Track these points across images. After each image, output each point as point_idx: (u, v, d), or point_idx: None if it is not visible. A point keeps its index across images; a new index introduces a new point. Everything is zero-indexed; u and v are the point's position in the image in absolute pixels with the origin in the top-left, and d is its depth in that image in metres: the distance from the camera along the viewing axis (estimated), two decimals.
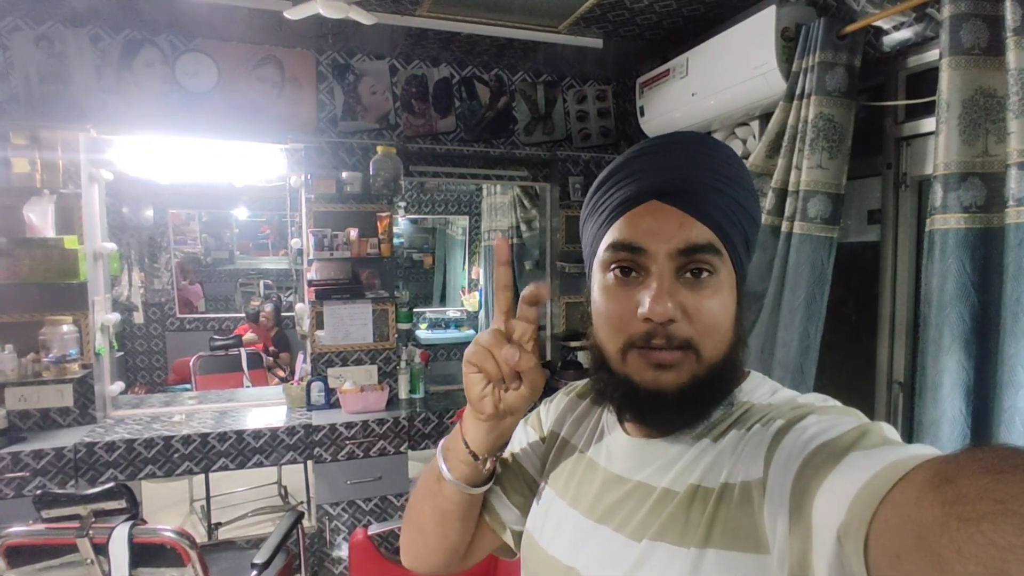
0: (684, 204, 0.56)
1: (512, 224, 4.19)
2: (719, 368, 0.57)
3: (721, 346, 0.57)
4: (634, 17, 2.32)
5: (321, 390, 2.68)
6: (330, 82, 2.68)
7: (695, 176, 0.57)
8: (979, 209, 1.37)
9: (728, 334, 0.57)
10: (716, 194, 0.57)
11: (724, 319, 0.57)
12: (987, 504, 0.30)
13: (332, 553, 2.47)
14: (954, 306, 1.37)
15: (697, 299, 0.56)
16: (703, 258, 0.56)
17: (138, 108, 2.43)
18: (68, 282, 2.34)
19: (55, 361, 2.32)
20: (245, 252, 5.31)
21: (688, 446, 0.59)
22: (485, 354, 0.58)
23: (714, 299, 0.56)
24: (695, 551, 0.52)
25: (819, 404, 0.55)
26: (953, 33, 1.37)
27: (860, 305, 1.96)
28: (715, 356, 0.56)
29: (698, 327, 0.55)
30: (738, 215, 0.58)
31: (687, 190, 0.57)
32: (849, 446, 0.45)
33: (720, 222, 0.57)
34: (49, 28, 2.31)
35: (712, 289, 0.56)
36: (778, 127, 1.88)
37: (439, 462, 0.68)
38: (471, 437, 0.64)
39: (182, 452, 2.32)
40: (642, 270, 0.57)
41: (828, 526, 0.41)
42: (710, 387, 0.57)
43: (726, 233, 0.57)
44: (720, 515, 0.52)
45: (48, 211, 2.34)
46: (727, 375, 0.59)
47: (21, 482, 2.13)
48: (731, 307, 0.58)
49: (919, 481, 0.35)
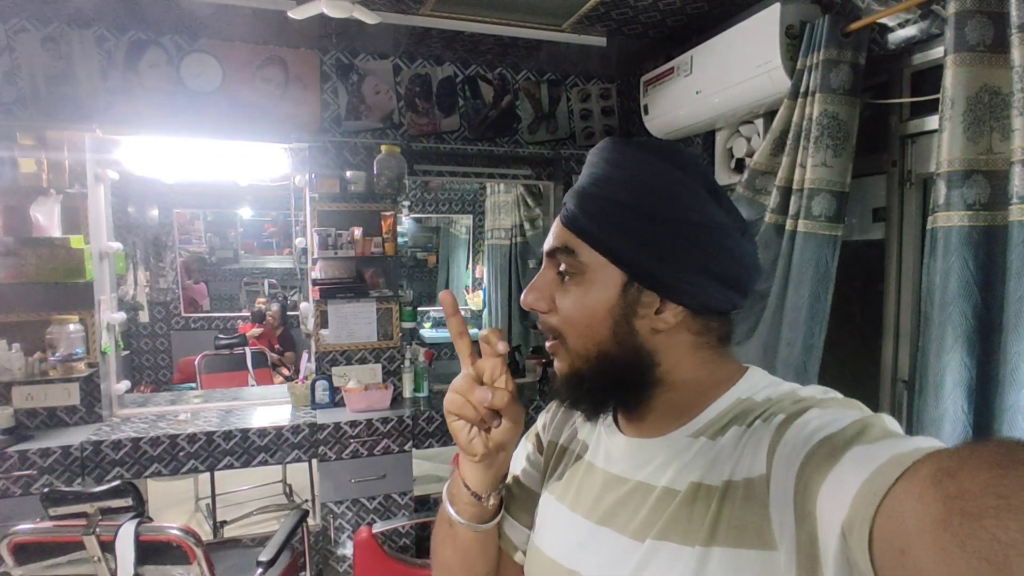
0: (563, 217, 0.63)
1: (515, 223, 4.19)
2: (595, 360, 0.61)
3: (589, 338, 0.61)
4: (638, 15, 2.32)
5: (325, 389, 2.69)
6: (334, 82, 2.69)
7: (578, 186, 0.63)
8: (983, 207, 1.37)
9: (597, 329, 0.60)
10: (588, 201, 0.61)
11: (582, 314, 0.61)
12: (989, 499, 0.30)
13: (337, 551, 2.48)
14: (957, 304, 1.37)
15: (561, 295, 0.62)
16: (561, 259, 0.62)
17: (143, 108, 2.44)
18: (74, 281, 2.35)
19: (61, 360, 2.33)
20: (250, 251, 5.33)
21: (686, 444, 0.59)
22: (461, 401, 0.61)
23: (570, 296, 0.61)
24: (700, 550, 0.52)
25: (820, 397, 0.55)
26: (958, 30, 1.36)
27: (864, 304, 1.95)
28: (581, 348, 0.61)
29: (559, 318, 0.62)
30: (616, 217, 0.59)
31: (569, 204, 0.63)
32: (851, 440, 0.45)
33: (585, 224, 0.60)
34: (55, 29, 2.33)
35: (573, 287, 0.61)
36: (782, 125, 1.87)
37: (447, 508, 0.69)
38: (470, 480, 0.67)
39: (187, 450, 2.33)
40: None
41: (832, 521, 0.41)
42: (594, 377, 0.61)
43: (592, 234, 0.60)
44: (724, 513, 0.52)
45: (54, 211, 2.35)
46: (617, 367, 0.61)
47: (28, 480, 2.14)
48: (597, 305, 0.60)
49: (921, 476, 0.35)
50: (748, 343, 1.93)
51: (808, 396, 0.56)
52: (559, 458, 0.73)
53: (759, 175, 1.98)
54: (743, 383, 0.61)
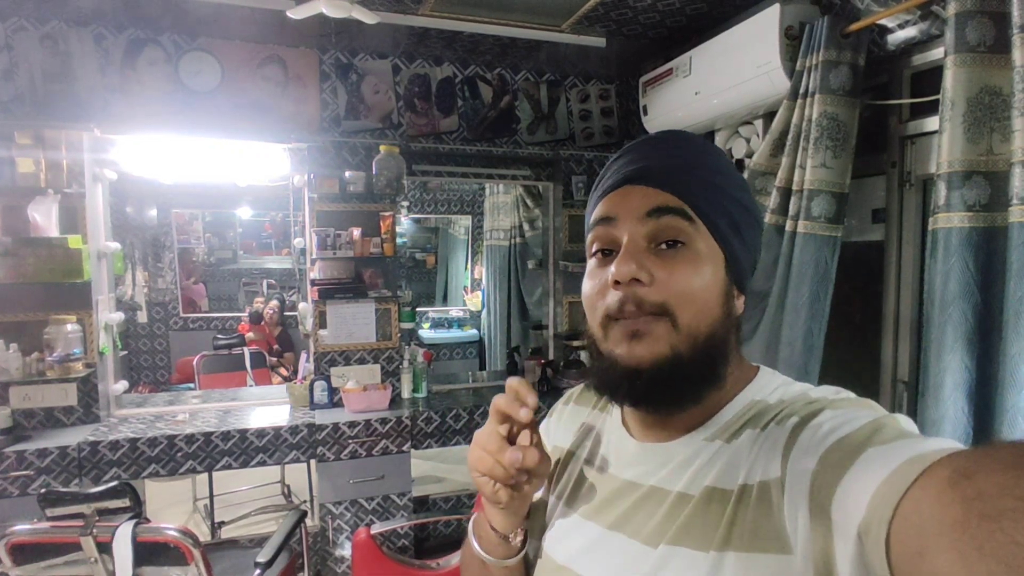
0: (653, 183, 0.58)
1: (515, 223, 4.19)
2: (703, 343, 0.55)
3: (703, 318, 0.55)
4: (637, 16, 2.32)
5: (324, 389, 2.68)
6: (333, 81, 2.69)
7: (664, 163, 0.59)
8: (983, 208, 1.37)
9: (713, 309, 0.56)
10: (686, 173, 0.58)
11: (701, 289, 0.55)
12: (1007, 501, 0.30)
13: (335, 552, 2.47)
14: (957, 305, 1.37)
15: (670, 265, 0.55)
16: (671, 222, 0.56)
17: (142, 107, 2.44)
18: (72, 281, 2.34)
19: (59, 360, 2.32)
20: (248, 251, 5.32)
21: (701, 447, 0.58)
22: (491, 463, 0.59)
23: (687, 267, 0.55)
24: (715, 554, 0.51)
25: (832, 397, 0.55)
26: (958, 31, 1.37)
27: (864, 304, 1.95)
28: (695, 327, 0.55)
29: (671, 292, 0.55)
30: (716, 195, 0.58)
31: (656, 173, 0.58)
32: (865, 441, 0.44)
33: (692, 192, 0.57)
34: (53, 27, 2.32)
35: (686, 259, 0.56)
36: (782, 126, 1.87)
37: (476, 549, 0.69)
38: (496, 523, 0.66)
39: (185, 451, 2.32)
40: (617, 246, 0.58)
41: (849, 524, 0.40)
42: (692, 364, 0.55)
43: (699, 206, 0.57)
44: (739, 517, 0.51)
45: (52, 210, 2.34)
46: (714, 355, 0.56)
47: (26, 480, 2.14)
48: (713, 282, 0.56)
49: (938, 478, 0.35)
50: (750, 343, 1.93)
51: (821, 397, 0.55)
52: (566, 463, 0.72)
53: (759, 176, 1.98)
54: (755, 384, 0.61)
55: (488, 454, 0.59)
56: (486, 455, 0.59)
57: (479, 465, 0.60)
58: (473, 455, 0.61)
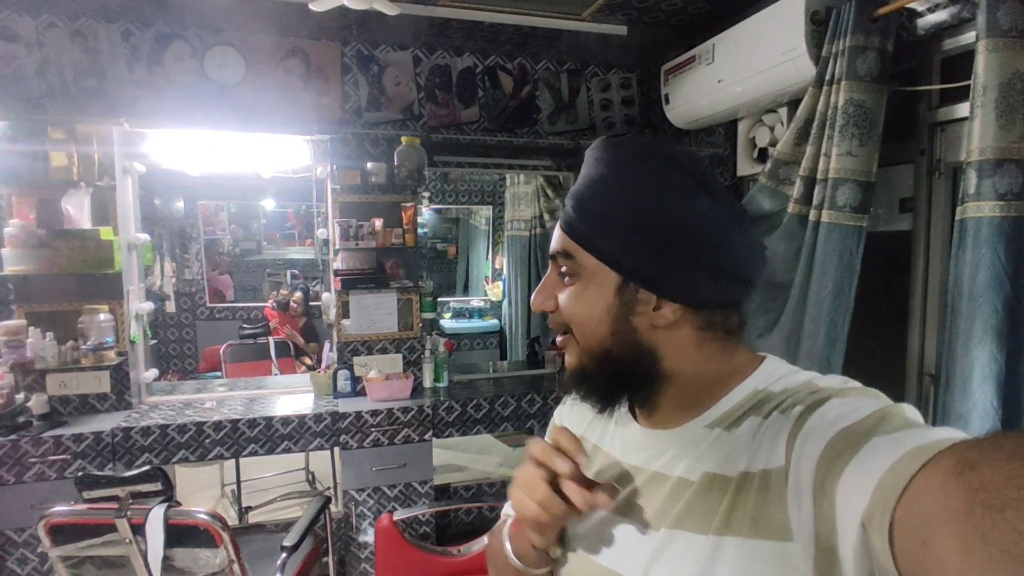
0: (562, 225, 0.65)
1: (535, 214, 4.18)
2: (600, 355, 0.63)
3: (591, 335, 0.63)
4: (659, 3, 2.28)
5: (347, 378, 2.72)
6: (355, 73, 2.70)
7: (575, 188, 0.66)
8: (1015, 197, 1.33)
9: (597, 328, 0.62)
10: (582, 203, 0.63)
11: (582, 313, 0.63)
12: (1011, 491, 0.30)
13: (358, 538, 2.52)
14: (986, 296, 1.34)
15: (563, 296, 0.64)
16: (562, 261, 0.64)
17: (169, 102, 2.49)
18: (104, 272, 2.41)
19: (93, 348, 2.39)
20: (272, 242, 5.40)
21: (701, 435, 0.59)
22: (537, 511, 0.60)
23: (569, 295, 0.64)
24: (713, 538, 0.53)
25: (838, 386, 0.55)
26: (990, 15, 1.33)
27: (890, 296, 1.92)
28: (588, 343, 0.63)
29: (566, 316, 0.64)
30: (605, 226, 0.60)
31: (565, 215, 0.65)
32: (871, 430, 0.44)
33: (581, 231, 0.62)
34: (83, 24, 2.37)
35: (573, 288, 0.64)
36: (807, 114, 1.84)
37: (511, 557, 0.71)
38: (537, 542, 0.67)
39: (213, 437, 2.38)
40: None
41: (852, 513, 0.41)
42: (598, 372, 0.63)
43: (589, 240, 0.62)
44: (739, 503, 0.52)
45: (85, 203, 2.41)
46: (623, 360, 0.62)
47: (63, 464, 2.22)
48: (595, 305, 0.62)
49: (943, 467, 0.35)
50: (771, 336, 1.91)
51: (826, 386, 0.56)
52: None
53: (782, 165, 1.95)
54: (759, 373, 0.61)
55: (536, 503, 0.60)
56: (532, 504, 0.60)
57: (527, 512, 0.61)
58: (518, 501, 0.62)
